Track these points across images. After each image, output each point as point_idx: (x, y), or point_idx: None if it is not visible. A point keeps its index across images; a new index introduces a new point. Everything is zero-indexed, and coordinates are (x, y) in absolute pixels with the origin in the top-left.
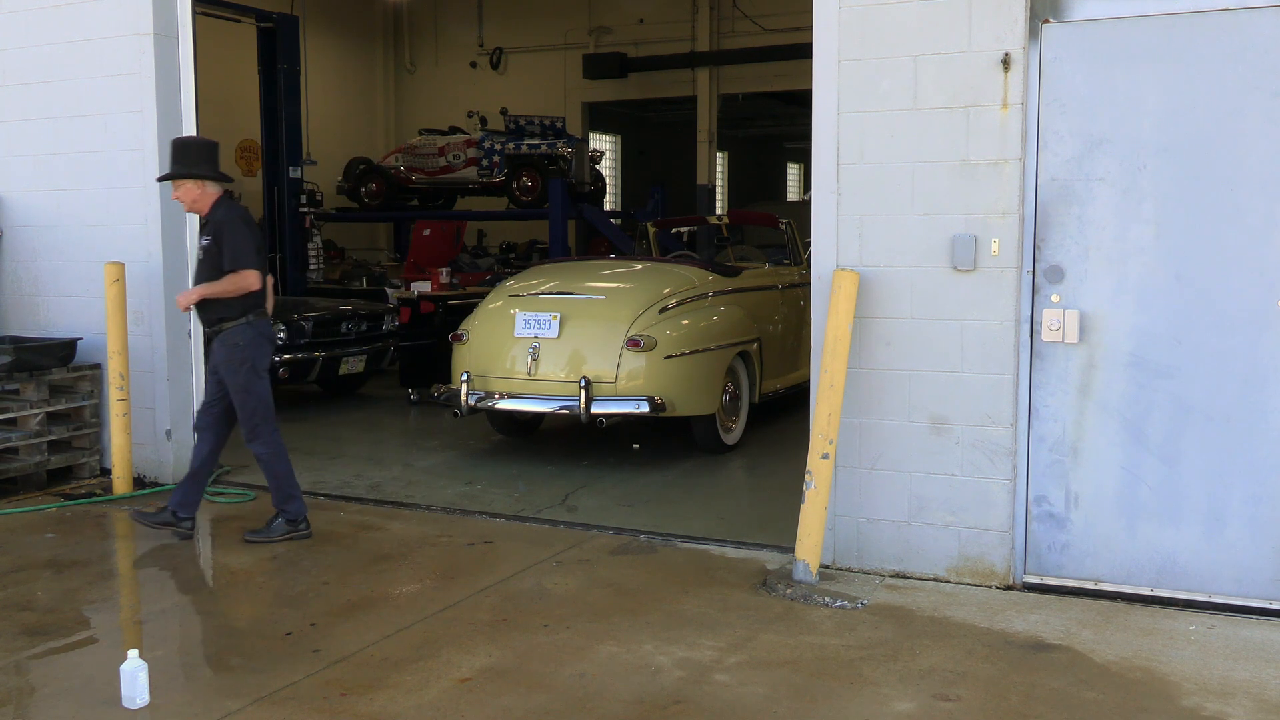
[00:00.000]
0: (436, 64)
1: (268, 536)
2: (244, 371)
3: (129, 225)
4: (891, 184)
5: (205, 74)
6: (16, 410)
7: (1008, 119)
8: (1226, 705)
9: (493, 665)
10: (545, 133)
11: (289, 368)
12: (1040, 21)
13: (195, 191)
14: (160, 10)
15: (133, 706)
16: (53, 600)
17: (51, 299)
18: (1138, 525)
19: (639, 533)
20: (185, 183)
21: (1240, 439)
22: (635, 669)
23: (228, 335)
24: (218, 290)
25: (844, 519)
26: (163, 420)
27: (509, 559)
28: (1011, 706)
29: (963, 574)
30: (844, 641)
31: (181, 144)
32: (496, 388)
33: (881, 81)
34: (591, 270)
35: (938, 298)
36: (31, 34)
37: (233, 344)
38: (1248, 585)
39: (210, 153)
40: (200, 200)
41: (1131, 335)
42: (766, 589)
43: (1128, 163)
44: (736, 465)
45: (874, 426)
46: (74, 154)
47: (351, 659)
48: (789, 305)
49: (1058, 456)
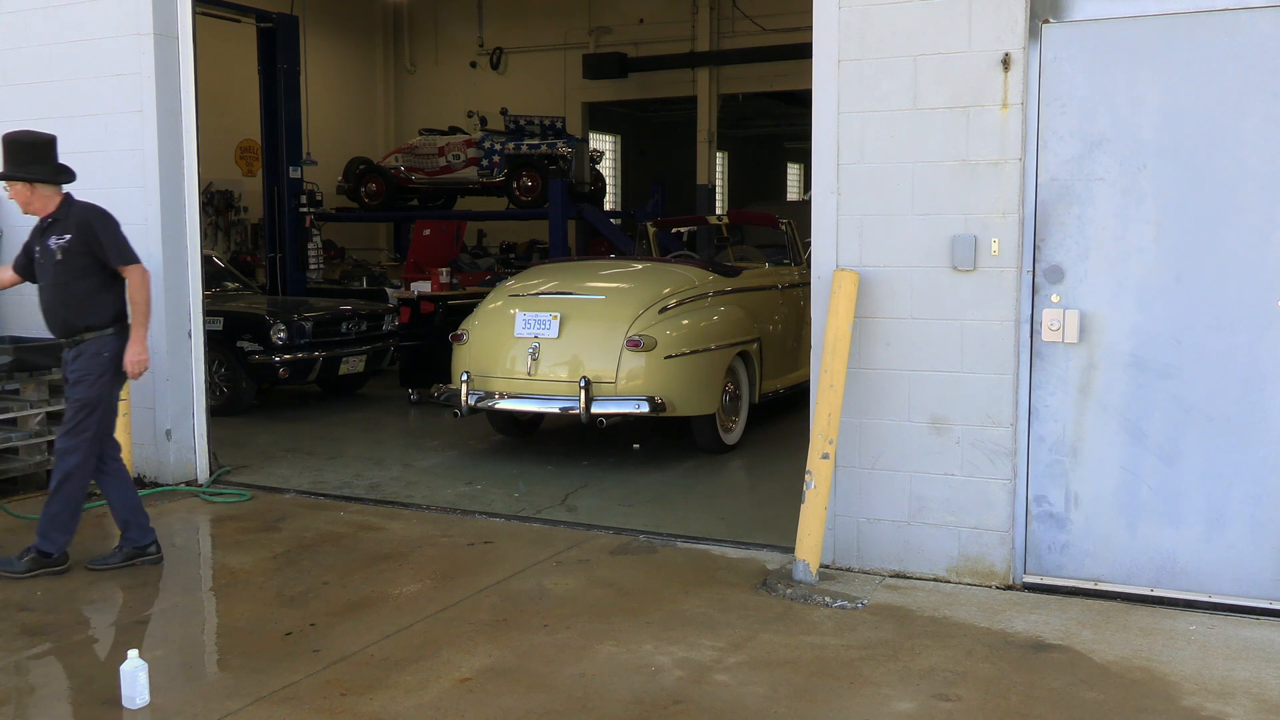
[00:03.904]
0: (436, 64)
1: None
2: (102, 384)
3: (129, 225)
4: (891, 184)
5: (205, 74)
6: (16, 410)
7: (1008, 119)
8: (1226, 705)
9: (493, 665)
10: (545, 133)
11: (289, 368)
12: (1040, 21)
13: (45, 190)
14: (160, 10)
15: (133, 706)
16: (53, 600)
17: None
18: (1138, 525)
19: (639, 533)
20: (14, 185)
21: (1240, 439)
22: (635, 669)
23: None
24: (143, 302)
25: (844, 519)
26: (162, 420)
27: (509, 559)
28: (1011, 706)
29: (963, 574)
30: (844, 641)
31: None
32: (496, 388)
33: (881, 81)
34: (591, 270)
35: (938, 298)
36: (31, 34)
37: (94, 353)
38: (1248, 585)
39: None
40: (34, 202)
41: (1131, 335)
42: (766, 589)
43: (1128, 163)
44: (736, 465)
45: (874, 426)
46: (74, 154)
47: (351, 659)
48: (789, 305)
49: (1058, 456)
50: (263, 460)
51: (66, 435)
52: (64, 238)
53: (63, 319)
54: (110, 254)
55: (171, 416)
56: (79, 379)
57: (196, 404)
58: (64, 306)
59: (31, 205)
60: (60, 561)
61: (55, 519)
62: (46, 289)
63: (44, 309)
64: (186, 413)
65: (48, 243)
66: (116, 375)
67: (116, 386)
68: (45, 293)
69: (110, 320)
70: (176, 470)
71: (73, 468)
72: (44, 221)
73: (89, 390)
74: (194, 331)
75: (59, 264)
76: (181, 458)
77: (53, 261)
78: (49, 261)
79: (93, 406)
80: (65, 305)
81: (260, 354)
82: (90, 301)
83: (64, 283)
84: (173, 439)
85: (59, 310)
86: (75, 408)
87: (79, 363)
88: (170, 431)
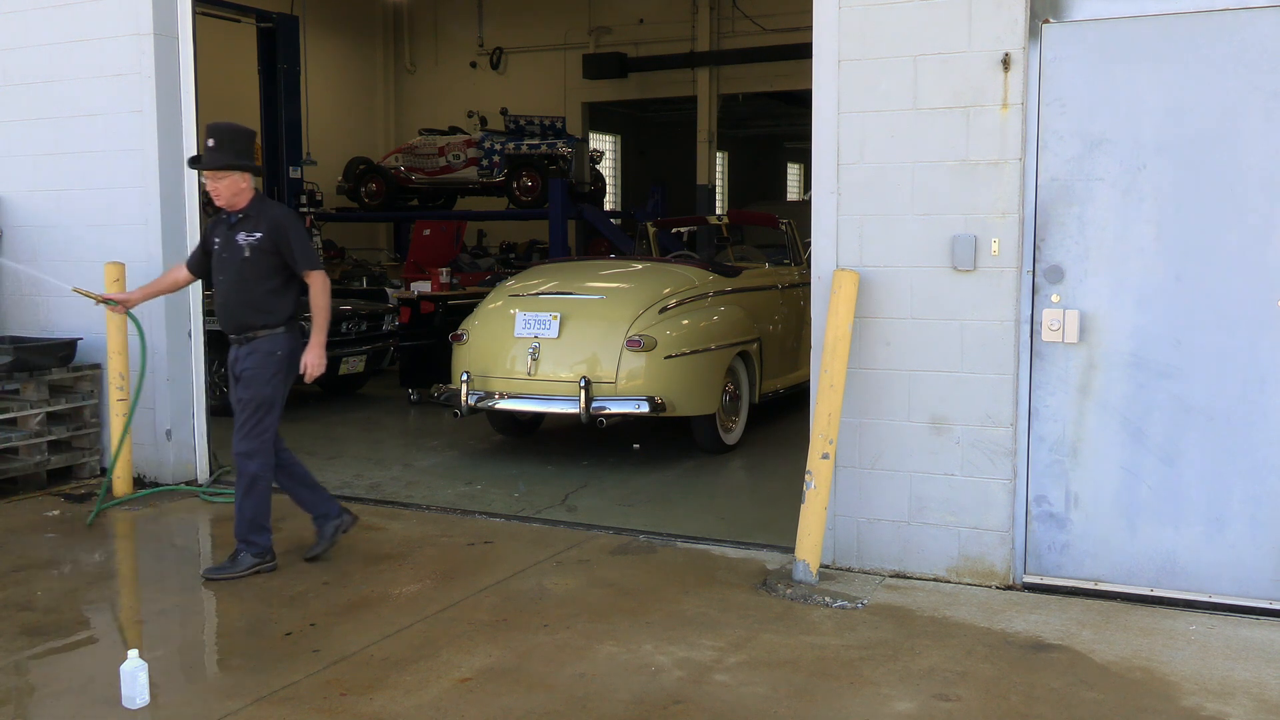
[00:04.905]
0: (436, 64)
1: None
2: (276, 382)
3: (129, 225)
4: (891, 184)
5: (205, 74)
6: (16, 410)
7: (1008, 119)
8: (1226, 705)
9: (493, 665)
10: (545, 133)
11: None
12: (1040, 21)
13: (243, 183)
14: (160, 10)
15: (133, 706)
16: (53, 600)
17: (52, 299)
18: (1138, 525)
19: (639, 533)
20: (230, 175)
21: (1240, 439)
22: (635, 669)
23: (266, 342)
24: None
25: (844, 519)
26: (163, 420)
27: (509, 559)
28: (1011, 706)
29: (963, 574)
30: (844, 641)
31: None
32: (496, 388)
33: (881, 81)
34: (591, 270)
35: (938, 298)
36: (32, 34)
37: (268, 352)
38: (1248, 585)
39: (251, 143)
40: (238, 196)
41: (1132, 335)
42: (766, 589)
43: (1128, 163)
44: (736, 465)
45: (874, 426)
46: (74, 154)
47: (351, 659)
48: (789, 305)
49: (1058, 456)
50: None
51: (246, 438)
52: (254, 235)
53: (241, 316)
54: (299, 258)
55: (171, 416)
56: (252, 377)
57: (196, 404)
58: (245, 304)
59: (235, 199)
60: (270, 558)
61: (253, 522)
62: (228, 285)
63: (221, 304)
64: (186, 413)
65: (235, 238)
66: (289, 374)
67: (288, 385)
68: (225, 288)
69: (285, 320)
70: (176, 470)
71: (257, 471)
72: (232, 217)
73: (264, 389)
74: (194, 331)
75: (245, 261)
76: (181, 458)
77: (239, 258)
78: (234, 257)
79: (270, 405)
80: (247, 303)
81: None
82: (271, 301)
83: (248, 280)
84: (173, 439)
85: (239, 307)
86: (251, 408)
87: (251, 360)
88: (170, 431)
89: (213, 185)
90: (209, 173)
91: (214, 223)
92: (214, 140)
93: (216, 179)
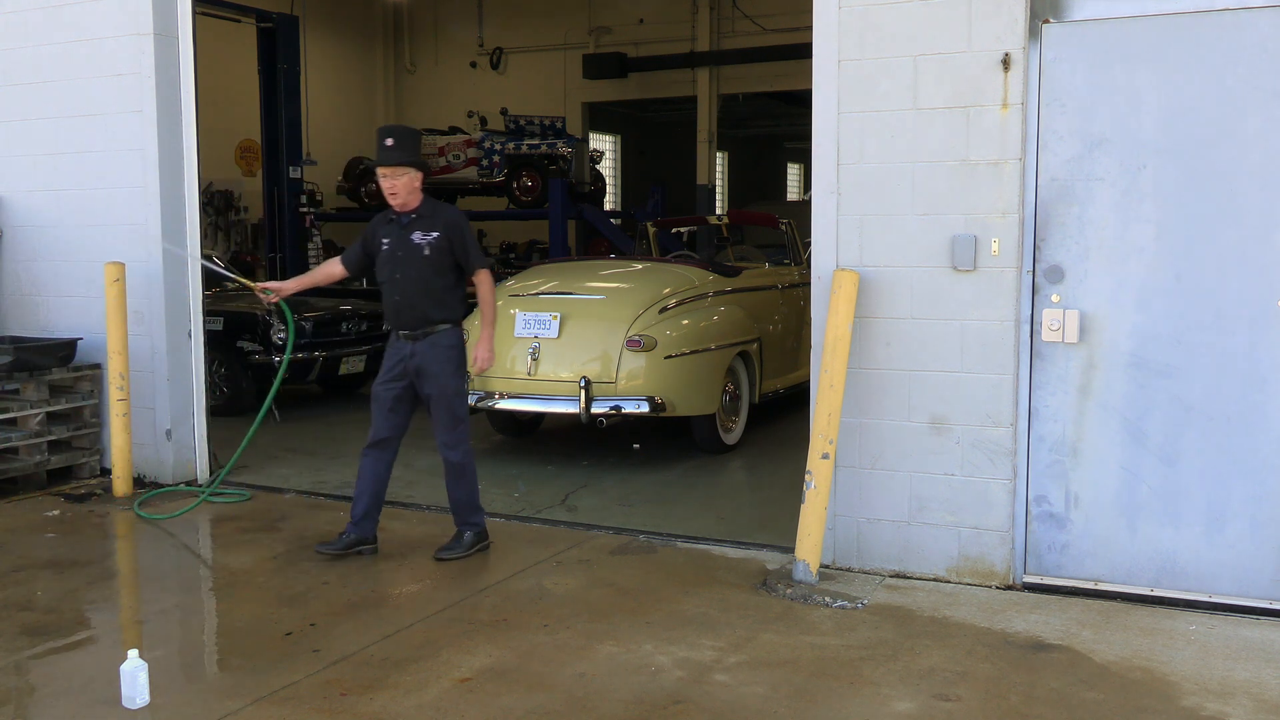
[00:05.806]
0: (436, 64)
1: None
2: (460, 374)
3: (129, 225)
4: (891, 184)
5: (205, 74)
6: (16, 410)
7: (1008, 119)
8: (1226, 705)
9: (493, 665)
10: (545, 133)
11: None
12: (1040, 21)
13: (416, 182)
14: (160, 10)
15: (133, 706)
16: (53, 600)
17: (52, 299)
18: (1138, 525)
19: (639, 533)
20: (408, 171)
21: (1240, 439)
22: (635, 669)
23: (444, 337)
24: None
25: (844, 519)
26: (163, 420)
27: (509, 559)
28: (1011, 706)
29: (963, 574)
30: (844, 641)
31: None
32: (496, 388)
33: (881, 81)
34: (591, 270)
35: (938, 298)
36: (32, 34)
37: (449, 346)
38: (1248, 585)
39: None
40: (411, 196)
41: (1132, 335)
42: (766, 589)
43: (1128, 163)
44: (736, 465)
45: (874, 426)
46: (74, 154)
47: (351, 659)
48: (789, 305)
49: (1058, 456)
50: (263, 460)
51: (446, 430)
52: (431, 235)
53: (422, 312)
54: (472, 257)
55: (171, 416)
56: (439, 371)
57: (196, 404)
58: (427, 300)
59: (409, 198)
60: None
61: (469, 504)
62: (406, 282)
63: (398, 302)
64: (187, 413)
65: (411, 238)
66: (461, 366)
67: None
68: (403, 286)
69: (460, 316)
70: (176, 470)
71: (461, 459)
72: (404, 217)
73: (453, 380)
74: (194, 331)
75: (425, 259)
76: (181, 458)
77: (419, 256)
78: (413, 256)
79: (462, 395)
80: (428, 299)
81: (260, 354)
82: (448, 297)
83: (428, 278)
84: (173, 439)
85: (420, 303)
86: (445, 402)
87: (431, 354)
88: (170, 431)
89: (391, 183)
90: (388, 170)
91: (379, 222)
92: (392, 139)
93: (395, 176)
